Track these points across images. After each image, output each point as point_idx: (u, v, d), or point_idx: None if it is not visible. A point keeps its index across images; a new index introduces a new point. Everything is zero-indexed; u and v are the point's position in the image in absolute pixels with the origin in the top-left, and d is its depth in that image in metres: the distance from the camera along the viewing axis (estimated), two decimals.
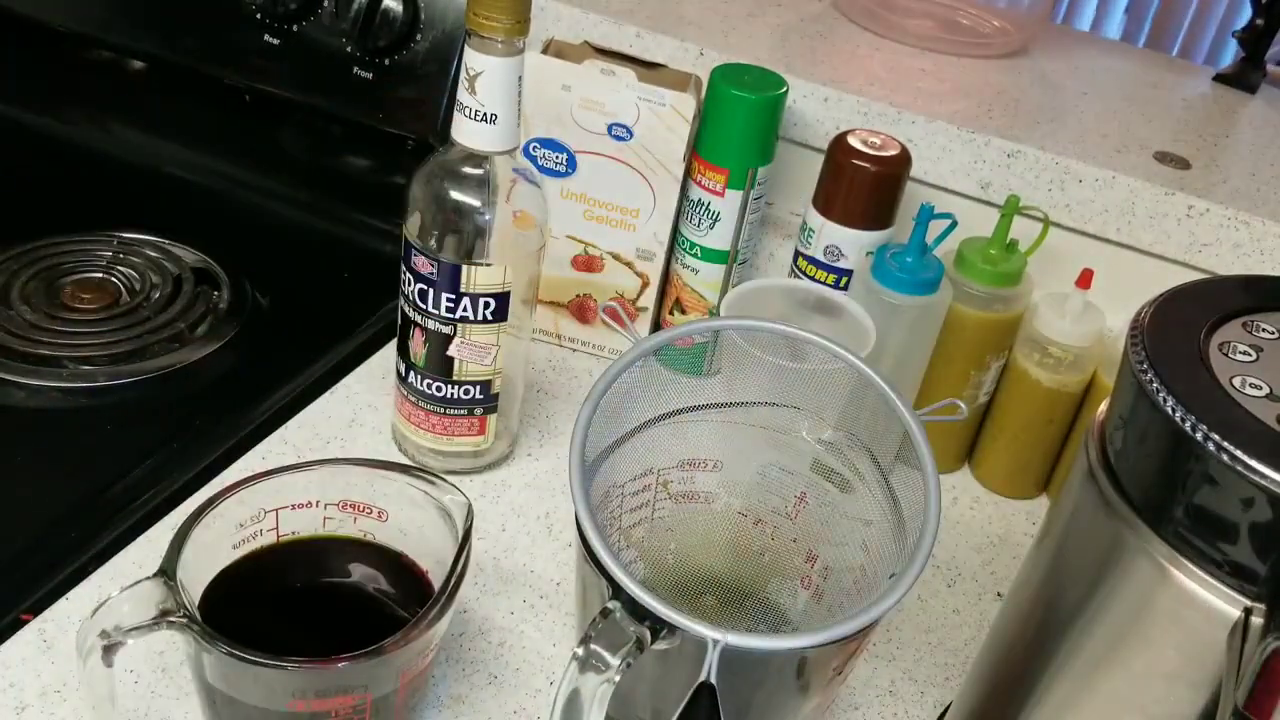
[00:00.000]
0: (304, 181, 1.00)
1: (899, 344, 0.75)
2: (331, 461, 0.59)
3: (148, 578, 0.50)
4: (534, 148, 0.81)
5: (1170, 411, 0.40)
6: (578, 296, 0.87)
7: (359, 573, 0.60)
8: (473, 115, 0.64)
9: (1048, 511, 0.52)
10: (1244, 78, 0.99)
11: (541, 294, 0.86)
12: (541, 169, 0.82)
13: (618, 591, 0.49)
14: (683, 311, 0.87)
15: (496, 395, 0.72)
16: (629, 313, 0.87)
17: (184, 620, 0.50)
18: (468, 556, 0.54)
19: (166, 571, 0.51)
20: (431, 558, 0.58)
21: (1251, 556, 0.39)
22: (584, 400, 0.55)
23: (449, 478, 0.58)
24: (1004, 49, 0.99)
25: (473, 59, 0.62)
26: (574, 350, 0.89)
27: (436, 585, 0.54)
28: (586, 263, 0.85)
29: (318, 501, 0.58)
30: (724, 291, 0.85)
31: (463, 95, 0.63)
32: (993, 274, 0.77)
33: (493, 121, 0.64)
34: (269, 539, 0.58)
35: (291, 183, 1.00)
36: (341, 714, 0.51)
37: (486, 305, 0.68)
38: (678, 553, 0.66)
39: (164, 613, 0.50)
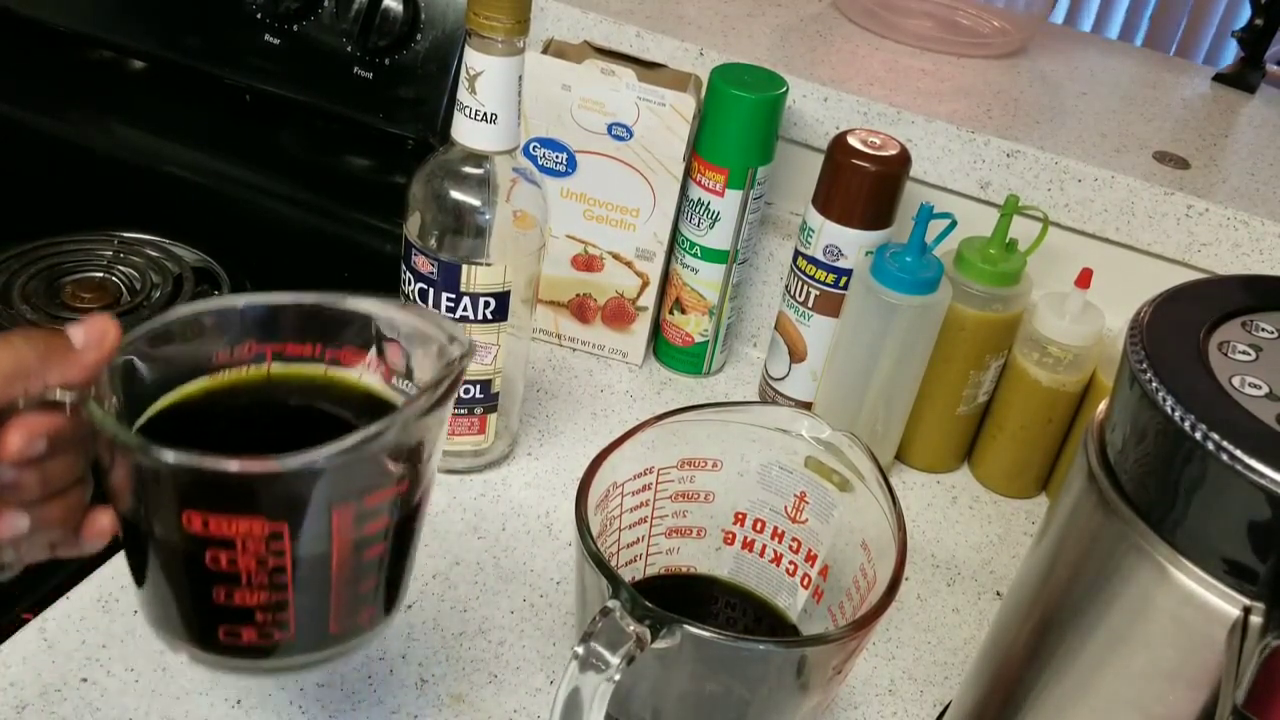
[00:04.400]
0: (304, 181, 1.00)
1: (898, 344, 0.76)
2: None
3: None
4: (534, 147, 0.81)
5: (1169, 411, 0.40)
6: (578, 296, 0.87)
7: (329, 409, 0.51)
8: (473, 115, 0.64)
9: (1047, 511, 0.52)
10: (1243, 77, 0.99)
11: (541, 294, 0.86)
12: (541, 169, 0.82)
13: (617, 591, 0.49)
14: (683, 311, 0.87)
15: (497, 394, 0.73)
16: (629, 313, 0.87)
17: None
18: (458, 378, 0.46)
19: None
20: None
21: (1250, 556, 0.39)
22: None
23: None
24: (1003, 49, 0.99)
25: (473, 59, 0.62)
26: (574, 350, 0.89)
27: None
28: (586, 262, 0.85)
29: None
30: (724, 290, 0.85)
31: (463, 95, 0.64)
32: (992, 273, 0.77)
33: (493, 121, 0.64)
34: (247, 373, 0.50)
35: (292, 182, 1.00)
36: (250, 548, 0.43)
37: (486, 305, 0.68)
38: (678, 552, 0.66)
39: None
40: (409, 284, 0.69)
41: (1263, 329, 0.45)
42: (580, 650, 0.48)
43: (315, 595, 0.46)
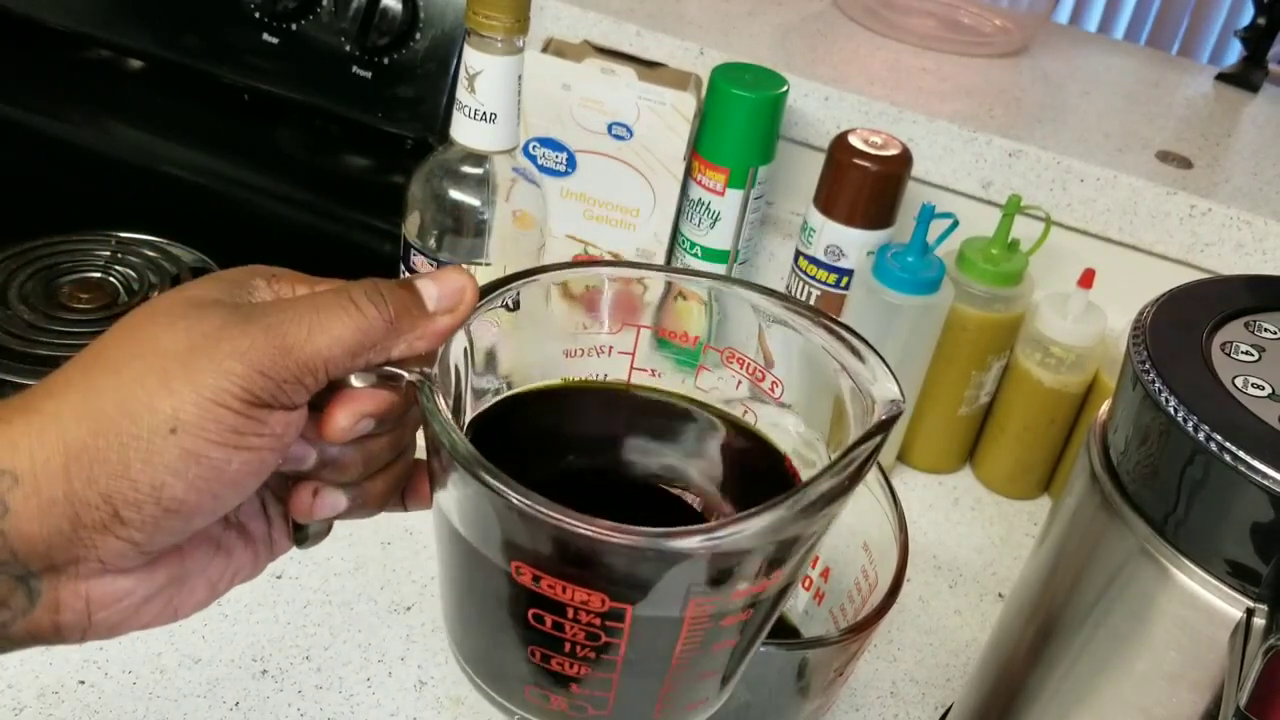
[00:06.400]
0: (303, 181, 1.00)
1: (900, 344, 0.75)
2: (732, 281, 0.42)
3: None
4: (534, 147, 0.81)
5: (1172, 412, 0.40)
6: None
7: (706, 457, 0.43)
8: (472, 114, 0.63)
9: (1049, 512, 0.52)
10: (1246, 77, 0.99)
11: None
12: (541, 168, 0.82)
13: None
14: None
15: None
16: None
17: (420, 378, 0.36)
18: (878, 448, 0.36)
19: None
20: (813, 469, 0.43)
21: (1253, 557, 0.39)
22: None
23: None
24: (1005, 48, 0.99)
25: (472, 58, 0.62)
26: None
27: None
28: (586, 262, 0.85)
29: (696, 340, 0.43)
30: None
31: (462, 94, 0.63)
32: (994, 274, 0.77)
33: (492, 120, 0.63)
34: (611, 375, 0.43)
35: (291, 182, 0.99)
36: (582, 619, 0.35)
37: None
38: None
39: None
40: None
41: (1266, 329, 0.45)
42: None
43: (645, 680, 0.38)
